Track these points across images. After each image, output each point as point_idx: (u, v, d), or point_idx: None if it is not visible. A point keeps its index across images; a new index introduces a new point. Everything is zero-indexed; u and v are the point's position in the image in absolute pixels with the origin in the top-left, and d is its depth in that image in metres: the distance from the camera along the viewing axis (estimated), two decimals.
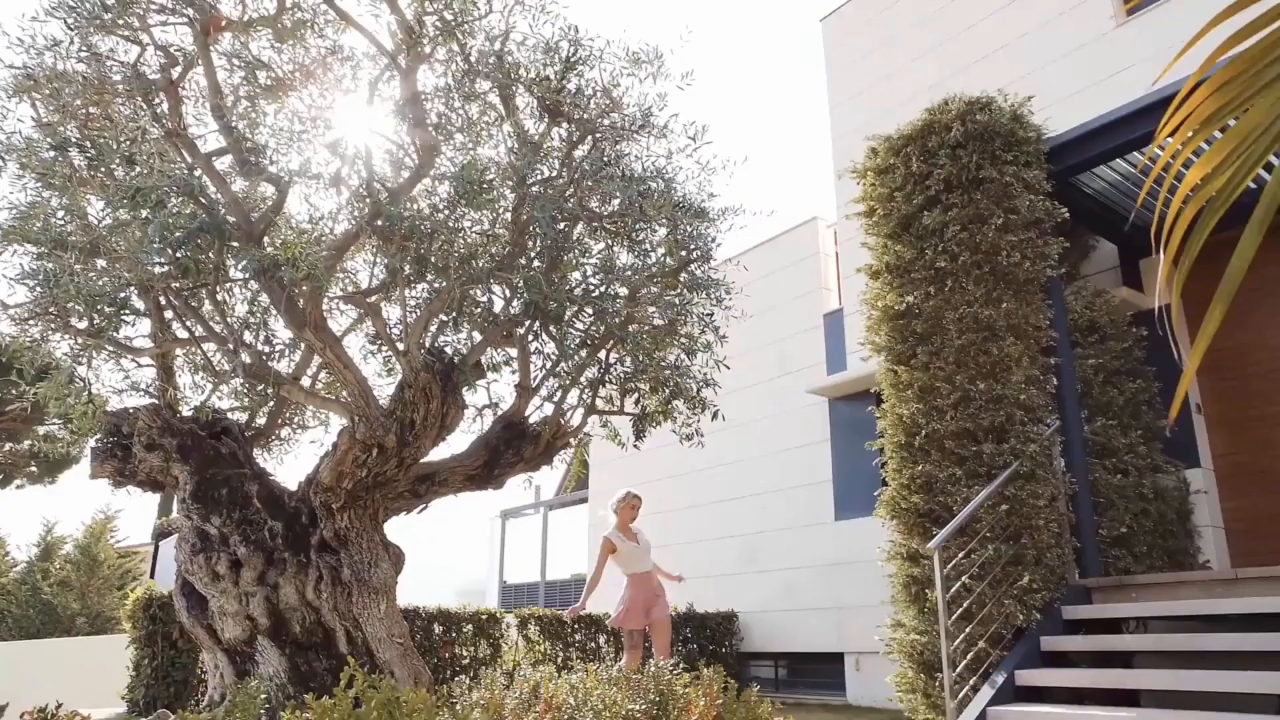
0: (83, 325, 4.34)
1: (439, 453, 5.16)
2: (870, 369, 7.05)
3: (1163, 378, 7.20)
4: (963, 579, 5.51)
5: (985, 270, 6.15)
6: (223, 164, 4.30)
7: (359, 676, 2.26)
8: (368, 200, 4.25)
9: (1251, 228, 1.27)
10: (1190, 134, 1.78)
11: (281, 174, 4.17)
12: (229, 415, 5.33)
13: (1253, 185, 6.76)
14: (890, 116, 7.15)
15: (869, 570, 7.13)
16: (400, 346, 4.65)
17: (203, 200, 3.91)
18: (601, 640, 9.69)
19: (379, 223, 4.10)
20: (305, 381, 5.34)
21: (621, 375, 5.17)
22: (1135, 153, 6.51)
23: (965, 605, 5.35)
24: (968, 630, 5.30)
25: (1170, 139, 1.84)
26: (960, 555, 5.50)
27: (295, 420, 6.05)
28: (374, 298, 4.89)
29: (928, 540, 5.24)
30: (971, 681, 5.25)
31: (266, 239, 4.36)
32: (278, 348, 5.04)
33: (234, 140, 4.07)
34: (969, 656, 5.27)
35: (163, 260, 3.73)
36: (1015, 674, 5.09)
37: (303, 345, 4.85)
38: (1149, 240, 7.59)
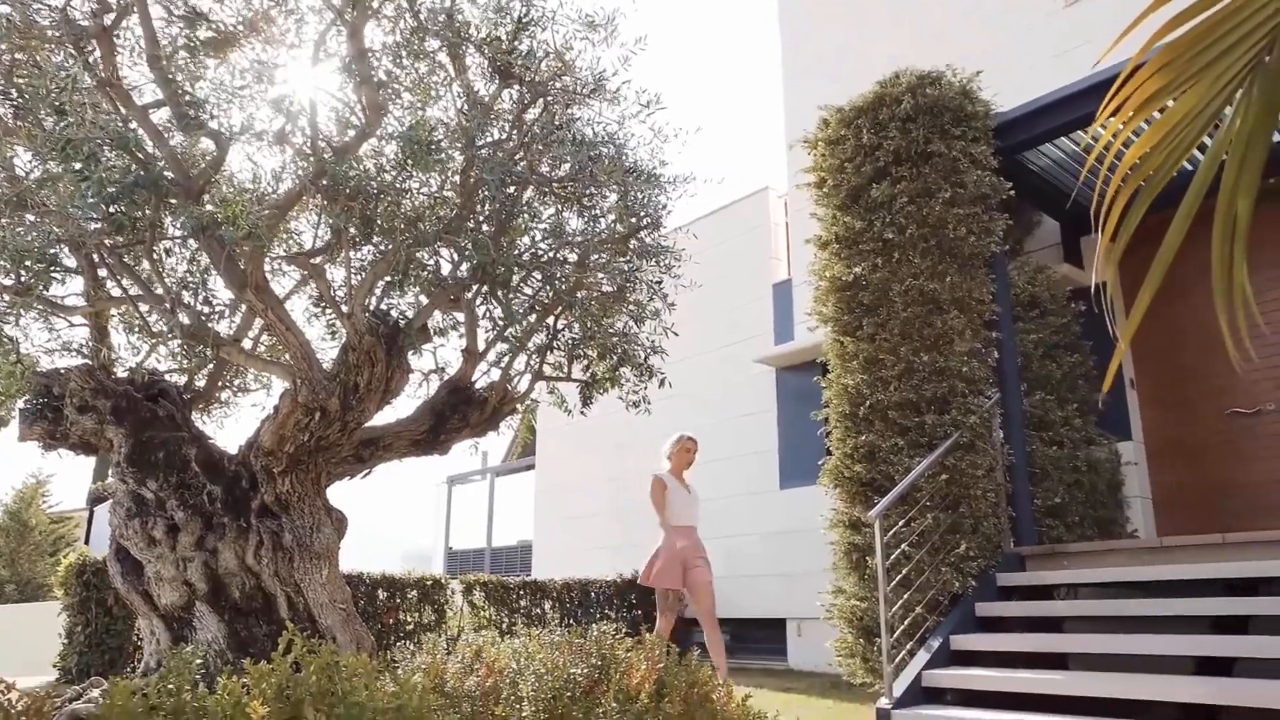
0: (9, 282, 4.19)
1: (384, 417, 5.10)
2: (817, 339, 7.12)
3: (1099, 353, 7.39)
4: (902, 546, 5.63)
5: (932, 244, 6.23)
6: (160, 118, 4.16)
7: (298, 641, 2.23)
8: (312, 159, 4.15)
9: (1181, 214, 1.29)
10: (1130, 114, 1.80)
11: (222, 130, 4.05)
12: (166, 377, 5.20)
13: (1189, 168, 6.92)
14: (844, 88, 7.16)
15: (812, 538, 7.24)
16: (344, 309, 4.56)
17: (139, 154, 3.78)
18: (547, 606, 9.74)
19: (323, 182, 4.00)
20: (246, 344, 5.22)
21: (569, 341, 5.15)
22: (1079, 132, 6.61)
23: (904, 572, 5.47)
24: (906, 597, 5.42)
25: (1112, 119, 1.87)
26: (900, 524, 5.62)
27: (236, 383, 5.93)
28: (318, 259, 4.79)
29: (869, 509, 5.33)
30: (908, 646, 5.38)
31: (206, 196, 4.24)
32: (217, 309, 4.92)
33: (172, 93, 3.93)
34: (907, 622, 5.40)
35: (96, 216, 3.60)
36: (950, 639, 5.22)
37: (244, 306, 4.74)
38: (1090, 218, 7.72)
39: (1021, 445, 6.19)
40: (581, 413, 5.21)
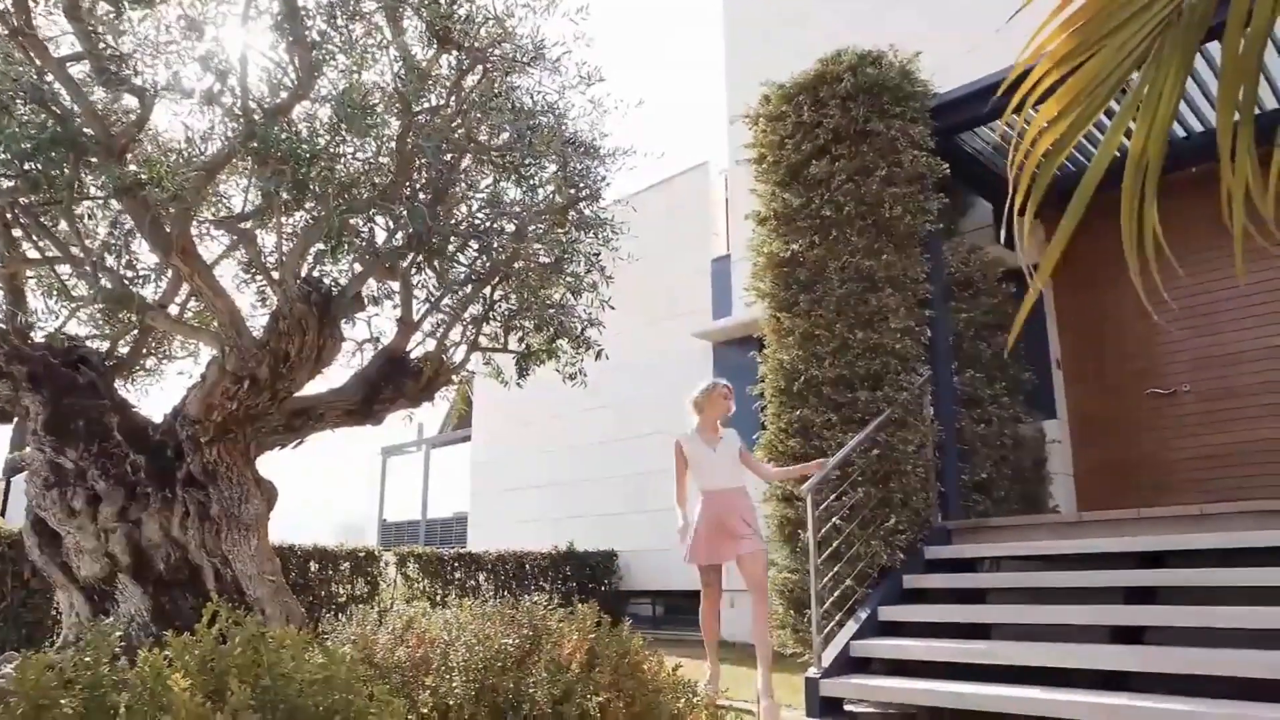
0: None
1: (316, 387, 5.00)
2: (755, 315, 7.17)
3: (1029, 334, 7.59)
4: (834, 520, 5.73)
5: (868, 222, 6.30)
6: (79, 71, 3.98)
7: (223, 612, 2.19)
8: (242, 120, 4.01)
9: (1081, 191, 1.31)
10: (1037, 81, 1.79)
11: (146, 87, 3.89)
12: (87, 343, 5.02)
13: (1118, 155, 7.10)
14: (786, 65, 7.17)
15: None
16: (275, 276, 4.45)
17: (55, 109, 3.62)
18: (481, 578, 9.72)
19: (254, 144, 3.88)
20: (173, 310, 5.06)
21: (506, 312, 5.10)
22: (1014, 116, 6.73)
23: (835, 545, 5.58)
24: (836, 569, 5.53)
25: (1024, 95, 1.87)
26: (832, 497, 5.72)
27: (162, 350, 5.75)
28: (248, 224, 4.66)
29: (802, 482, 5.41)
30: (838, 617, 5.50)
31: (129, 156, 4.08)
32: (142, 273, 4.76)
33: (92, 46, 3.77)
34: (836, 594, 5.51)
35: (9, 173, 3.44)
36: (879, 610, 5.35)
37: (170, 271, 4.59)
38: (1023, 200, 7.89)
39: (951, 422, 6.34)
40: (518, 384, 5.18)
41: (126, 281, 4.55)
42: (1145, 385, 7.39)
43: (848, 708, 4.92)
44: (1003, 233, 7.72)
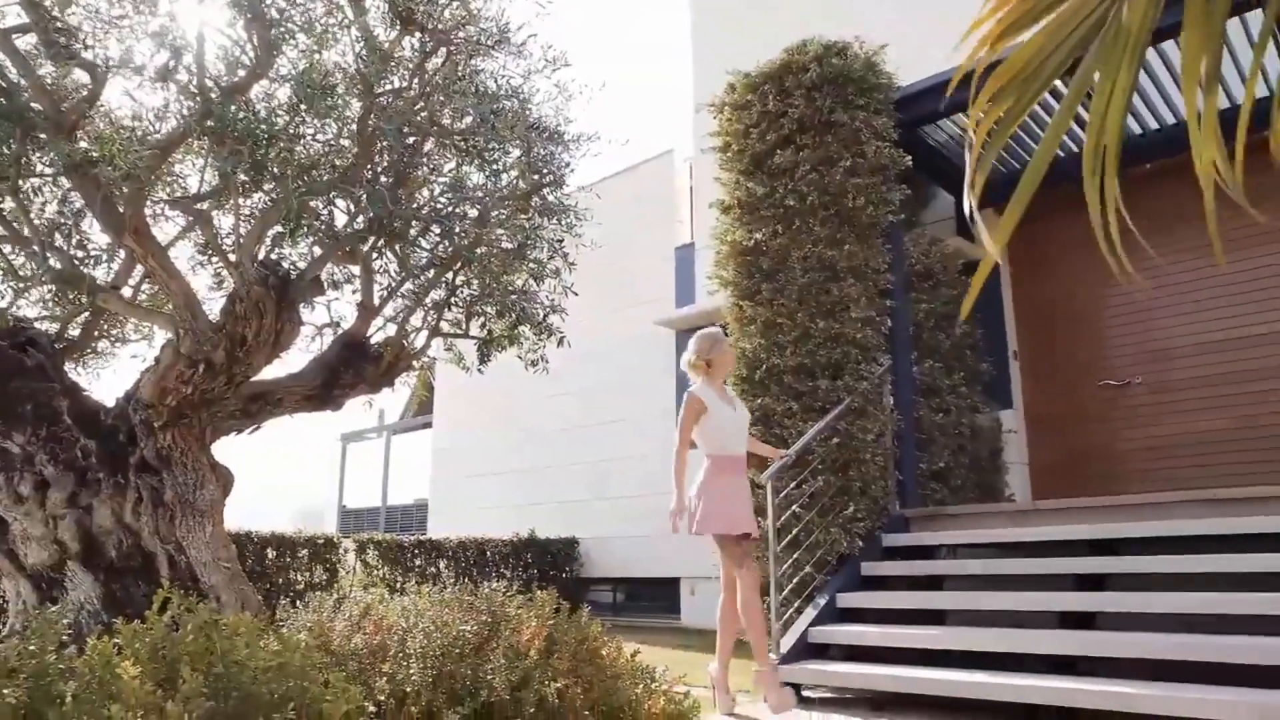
0: None
1: (275, 371, 4.94)
2: (718, 303, 7.19)
3: (987, 325, 7.69)
4: (793, 508, 5.78)
5: (831, 212, 6.34)
6: (25, 44, 3.87)
7: (175, 599, 2.16)
8: (198, 98, 3.93)
9: (1036, 161, 1.30)
10: (983, 52, 1.74)
11: (97, 62, 3.80)
12: (36, 324, 4.91)
13: (1075, 150, 7.21)
14: (752, 53, 7.18)
15: None
16: (232, 258, 4.38)
17: (1, 83, 3.52)
18: (442, 565, 9.67)
19: (210, 123, 3.81)
20: (126, 292, 4.96)
21: (468, 298, 5.06)
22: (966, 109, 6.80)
23: (794, 533, 5.62)
24: (795, 556, 5.58)
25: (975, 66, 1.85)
26: (792, 485, 5.76)
27: (114, 333, 5.64)
28: (205, 204, 4.57)
29: (763, 471, 5.44)
30: (796, 604, 5.55)
31: (80, 133, 3.99)
32: (93, 253, 4.66)
33: (40, 18, 3.67)
34: (795, 581, 5.56)
35: None
36: (837, 597, 5.41)
37: (122, 252, 4.49)
38: (984, 194, 7.99)
39: (910, 411, 6.41)
40: (479, 370, 5.14)
41: (77, 262, 4.45)
42: (1098, 377, 7.53)
43: (805, 693, 4.98)
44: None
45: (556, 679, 2.43)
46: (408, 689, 2.37)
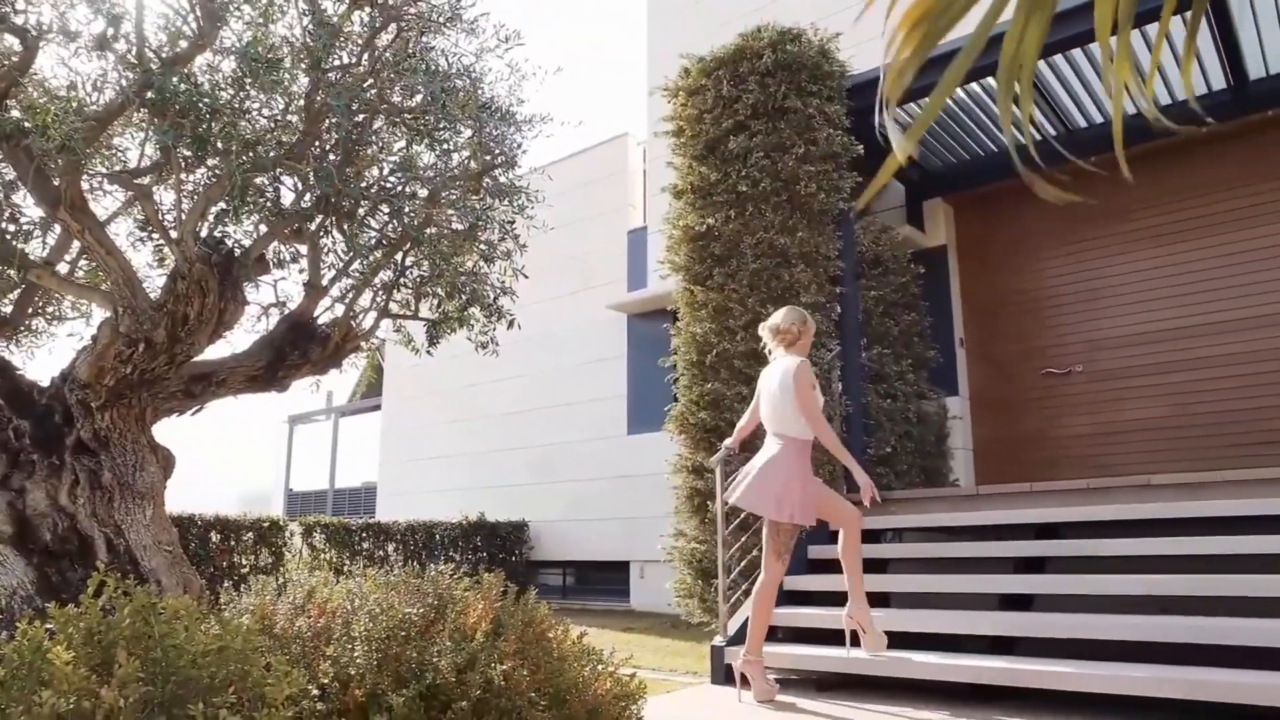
0: None
1: (219, 351, 4.84)
2: (669, 288, 7.20)
3: (934, 313, 7.81)
4: None
5: (783, 198, 6.37)
6: None
7: (110, 583, 2.11)
8: (138, 69, 3.82)
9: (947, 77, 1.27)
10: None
11: (29, 27, 3.67)
12: None
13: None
14: (708, 37, 7.17)
15: (657, 483, 7.39)
16: (174, 234, 4.27)
17: None
18: (390, 548, 9.60)
19: (150, 95, 3.70)
20: (62, 268, 4.82)
21: (417, 279, 5.00)
22: (926, 99, 6.88)
23: (743, 516, 5.67)
24: (744, 539, 5.63)
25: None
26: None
27: (50, 310, 5.47)
28: (146, 179, 4.45)
29: (713, 454, 5.48)
30: (744, 587, 5.60)
31: (11, 102, 3.85)
32: (25, 227, 4.51)
33: None
34: (743, 564, 5.61)
35: None
36: (784, 579, 5.47)
37: (58, 226, 4.36)
38: (933, 183, 8.11)
39: (858, 397, 6.49)
40: (428, 352, 5.09)
41: (8, 236, 4.30)
42: (1041, 365, 7.69)
43: None
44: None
45: (503, 661, 2.43)
46: (352, 672, 2.35)
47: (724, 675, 4.93)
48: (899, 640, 4.69)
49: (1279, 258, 6.79)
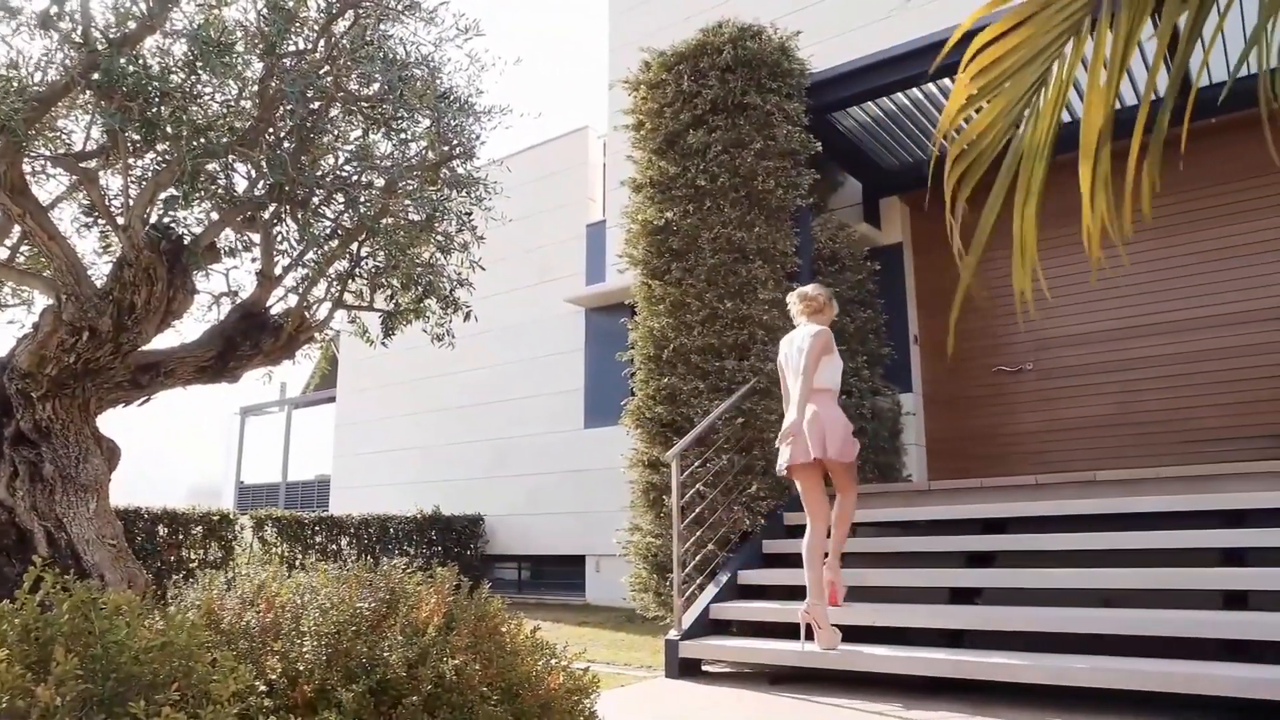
0: None
1: (168, 341, 4.74)
2: (627, 282, 7.20)
3: (889, 310, 7.90)
4: (698, 486, 5.84)
5: (742, 194, 6.40)
6: None
7: (48, 578, 2.06)
8: (84, 48, 3.72)
9: (1000, 184, 1.33)
10: (975, 73, 1.79)
11: None
12: None
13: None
14: (669, 31, 7.18)
15: (613, 477, 7.39)
16: (121, 221, 4.17)
17: None
18: (343, 542, 9.49)
19: (96, 76, 3.61)
20: (1, 253, 4.69)
21: (373, 269, 4.94)
22: (884, 98, 6.95)
23: (698, 510, 5.69)
24: (699, 534, 5.65)
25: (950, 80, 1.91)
26: (697, 464, 5.82)
27: None
28: (92, 163, 4.34)
29: (669, 449, 5.49)
30: (699, 581, 5.63)
31: None
32: None
33: None
34: (698, 558, 5.63)
35: None
36: (738, 574, 5.51)
37: None
38: (889, 181, 8.20)
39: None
40: (383, 344, 5.03)
41: None
42: (994, 363, 7.82)
43: (706, 668, 5.06)
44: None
45: (455, 655, 2.41)
46: (301, 667, 2.31)
47: (678, 669, 4.95)
48: (852, 634, 4.74)
49: (1217, 262, 6.97)
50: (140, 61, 3.94)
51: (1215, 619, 3.96)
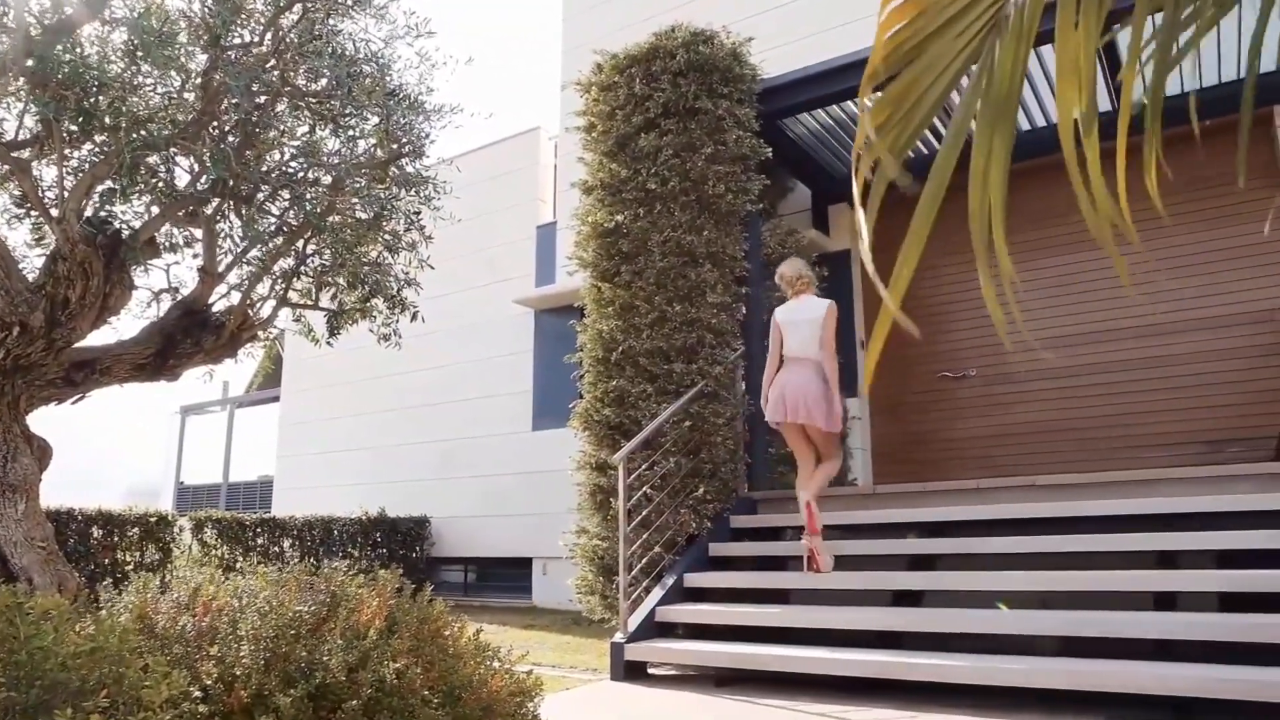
0: None
1: (104, 337, 4.62)
2: (577, 284, 7.18)
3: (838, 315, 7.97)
4: (645, 489, 5.85)
5: (692, 198, 6.42)
6: None
7: None
8: (16, 34, 3.61)
9: (926, 198, 1.34)
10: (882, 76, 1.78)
11: None
12: None
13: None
14: (622, 34, 7.18)
15: (561, 479, 7.37)
16: (55, 213, 4.06)
17: None
18: (286, 544, 9.32)
19: (30, 63, 3.51)
20: None
21: (318, 267, 4.87)
22: (834, 105, 7.03)
23: (645, 513, 5.70)
24: (646, 537, 5.65)
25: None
26: (644, 467, 5.83)
27: None
28: (24, 152, 4.21)
29: (616, 452, 5.48)
30: (645, 584, 5.63)
31: None
32: None
33: None
34: (645, 560, 5.64)
35: None
36: (685, 576, 5.52)
37: None
38: (838, 188, 8.29)
39: (762, 397, 6.59)
40: (329, 343, 4.96)
41: None
42: (938, 369, 7.95)
43: (651, 670, 5.07)
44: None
45: (396, 659, 2.38)
46: (237, 672, 2.27)
47: (623, 671, 4.95)
48: (795, 635, 4.78)
49: (1157, 271, 7.17)
50: (78, 49, 3.84)
51: (1146, 620, 4.07)
